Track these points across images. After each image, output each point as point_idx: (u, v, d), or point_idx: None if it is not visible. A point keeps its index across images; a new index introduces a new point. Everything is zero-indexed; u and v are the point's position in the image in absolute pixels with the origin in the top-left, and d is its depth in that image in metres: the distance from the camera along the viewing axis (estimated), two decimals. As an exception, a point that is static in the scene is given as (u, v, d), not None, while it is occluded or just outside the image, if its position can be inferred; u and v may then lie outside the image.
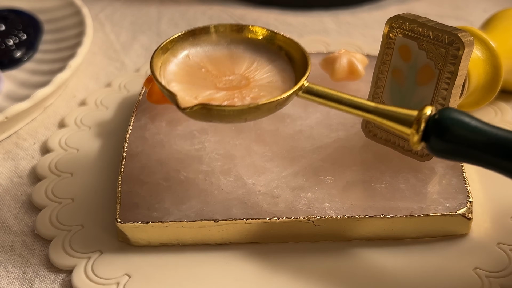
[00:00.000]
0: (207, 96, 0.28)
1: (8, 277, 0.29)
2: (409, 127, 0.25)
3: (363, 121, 0.32)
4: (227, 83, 0.29)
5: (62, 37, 0.44)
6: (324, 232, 0.29)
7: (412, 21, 0.29)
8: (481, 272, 0.27)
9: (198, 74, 0.30)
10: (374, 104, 0.27)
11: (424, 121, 0.25)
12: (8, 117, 0.35)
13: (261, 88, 0.29)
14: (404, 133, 0.26)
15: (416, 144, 0.25)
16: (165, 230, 0.28)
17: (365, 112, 0.27)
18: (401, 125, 0.26)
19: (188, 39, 0.31)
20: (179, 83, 0.29)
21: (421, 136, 0.25)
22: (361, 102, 0.27)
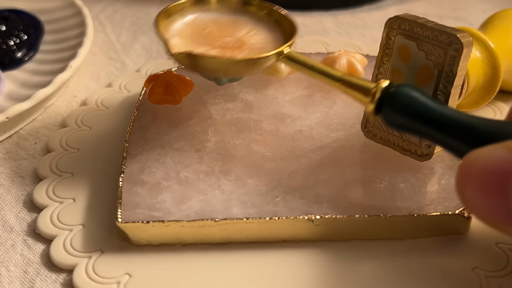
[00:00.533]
0: (200, 51, 0.30)
1: (9, 276, 0.29)
2: (367, 96, 0.27)
3: (363, 122, 0.32)
4: (223, 43, 0.32)
5: (62, 38, 0.44)
6: (323, 231, 0.29)
7: (411, 22, 0.29)
8: (480, 272, 0.27)
9: (200, 33, 0.32)
10: (340, 74, 0.29)
11: (379, 92, 0.27)
12: (9, 117, 0.35)
13: (252, 51, 0.31)
14: (362, 101, 0.28)
15: (371, 113, 0.27)
16: (165, 229, 0.28)
17: (332, 80, 0.29)
18: (361, 94, 0.28)
19: (198, 5, 0.33)
20: (180, 38, 0.31)
21: (375, 105, 0.27)
22: (329, 71, 0.29)
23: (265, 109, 0.34)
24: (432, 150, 0.30)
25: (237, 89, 0.36)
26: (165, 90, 0.34)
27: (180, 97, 0.34)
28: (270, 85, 0.36)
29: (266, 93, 0.36)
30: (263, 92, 0.36)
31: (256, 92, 0.36)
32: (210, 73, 0.31)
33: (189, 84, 0.35)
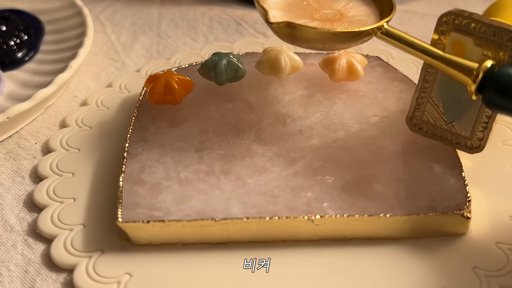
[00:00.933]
0: (302, 23, 0.31)
1: (9, 276, 0.29)
2: (469, 76, 0.27)
3: (408, 115, 0.32)
4: (323, 15, 0.32)
5: (63, 38, 0.44)
6: (323, 231, 0.29)
7: (467, 17, 0.29)
8: (480, 271, 0.28)
9: (299, 5, 0.33)
10: (441, 53, 0.29)
11: (482, 72, 0.27)
12: (10, 117, 0.35)
13: (351, 24, 0.32)
14: (463, 81, 0.28)
15: (473, 93, 0.27)
16: (166, 229, 0.28)
17: (433, 58, 0.29)
18: (462, 73, 0.28)
19: None
20: (279, 11, 0.32)
21: (477, 86, 0.27)
22: (430, 49, 0.29)
23: (265, 109, 0.34)
24: (484, 143, 0.30)
25: (237, 89, 0.36)
26: (165, 90, 0.34)
27: (180, 97, 0.34)
28: (270, 85, 0.36)
29: (266, 93, 0.36)
30: (263, 92, 0.36)
31: (256, 92, 0.36)
32: (308, 44, 0.31)
33: (189, 84, 0.35)
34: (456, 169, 0.30)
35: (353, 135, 0.33)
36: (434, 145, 0.32)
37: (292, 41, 0.31)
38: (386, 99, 0.35)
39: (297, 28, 0.30)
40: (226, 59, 0.35)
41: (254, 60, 0.38)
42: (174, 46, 0.45)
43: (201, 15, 0.49)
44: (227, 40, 0.45)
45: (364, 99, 0.35)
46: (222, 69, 0.34)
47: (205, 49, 0.44)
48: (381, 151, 0.31)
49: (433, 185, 0.30)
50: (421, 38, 0.45)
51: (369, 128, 0.33)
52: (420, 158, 0.31)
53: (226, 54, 0.35)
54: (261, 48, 0.43)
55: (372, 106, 0.34)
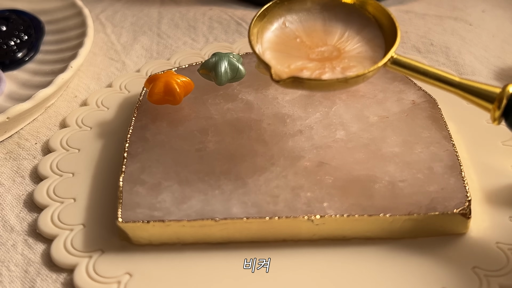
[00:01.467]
0: (299, 65, 0.30)
1: (10, 276, 0.29)
2: (491, 103, 0.27)
3: None
4: (319, 54, 0.31)
5: (63, 38, 0.44)
6: (323, 231, 0.29)
7: None
8: (480, 271, 0.28)
9: (292, 43, 0.31)
10: (458, 79, 0.28)
11: (506, 98, 0.27)
12: (10, 117, 0.35)
13: (351, 59, 0.30)
14: (485, 108, 0.27)
15: (496, 119, 0.27)
16: (166, 229, 0.28)
17: (450, 86, 0.28)
18: (483, 100, 0.27)
19: (284, 5, 0.32)
20: (274, 52, 0.31)
21: (502, 112, 0.27)
22: (446, 76, 0.28)
23: (265, 109, 0.34)
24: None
25: (237, 89, 0.36)
26: (165, 90, 0.34)
27: (180, 97, 0.34)
28: (270, 85, 0.36)
29: (266, 93, 0.36)
30: (263, 92, 0.36)
31: (256, 92, 0.36)
32: (317, 91, 0.31)
33: (189, 84, 0.35)
34: (456, 169, 0.30)
35: (353, 135, 0.33)
36: (434, 145, 0.32)
37: (300, 89, 0.30)
38: (386, 99, 0.35)
39: (305, 82, 0.29)
40: (226, 59, 0.35)
41: (254, 60, 0.38)
42: (174, 46, 0.45)
43: (201, 15, 0.49)
44: (227, 40, 0.45)
45: (364, 99, 0.35)
46: (222, 70, 0.34)
47: (205, 49, 0.44)
48: (381, 151, 0.31)
49: (433, 185, 0.30)
50: (421, 38, 0.45)
51: (369, 128, 0.33)
52: (420, 158, 0.31)
53: (226, 54, 0.35)
54: (261, 48, 0.43)
55: (372, 106, 0.34)
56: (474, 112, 0.36)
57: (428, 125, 0.33)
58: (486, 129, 0.35)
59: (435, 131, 0.33)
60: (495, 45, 0.44)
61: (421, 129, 0.33)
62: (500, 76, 0.40)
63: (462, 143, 0.34)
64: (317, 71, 0.29)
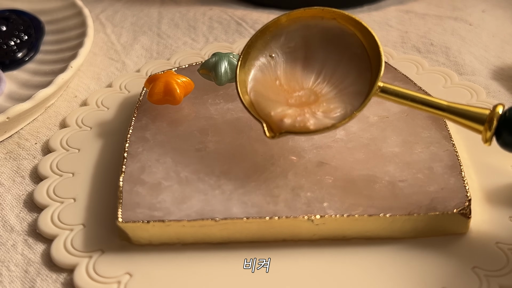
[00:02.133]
0: (280, 112, 0.30)
1: (10, 276, 0.29)
2: (482, 125, 0.28)
3: None
4: (298, 99, 0.31)
5: (63, 38, 0.44)
6: (323, 231, 0.29)
7: None
8: (480, 271, 0.28)
9: (273, 87, 0.32)
10: (446, 103, 0.29)
11: (496, 120, 0.27)
12: (10, 117, 0.35)
13: (330, 101, 0.30)
14: (476, 130, 0.28)
15: (488, 140, 0.28)
16: (166, 229, 0.28)
17: (439, 110, 0.29)
18: (474, 122, 0.28)
19: (266, 36, 0.32)
20: (256, 94, 0.31)
21: (493, 133, 0.27)
22: (434, 101, 0.29)
23: (265, 109, 0.34)
24: None
25: (237, 89, 0.36)
26: (165, 90, 0.34)
27: (180, 97, 0.34)
28: (270, 85, 0.36)
29: (266, 93, 0.36)
30: (263, 92, 0.36)
31: (256, 92, 0.36)
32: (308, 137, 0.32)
33: (189, 84, 0.35)
34: (456, 169, 0.30)
35: (353, 135, 0.33)
36: (434, 145, 0.32)
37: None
38: (386, 99, 0.35)
39: (298, 134, 0.29)
40: (226, 59, 0.35)
41: (254, 60, 0.38)
42: (174, 46, 0.45)
43: (201, 15, 0.49)
44: (227, 40, 0.45)
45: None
46: (222, 70, 0.34)
47: (205, 49, 0.44)
48: (381, 151, 0.31)
49: (433, 185, 0.30)
50: (421, 38, 0.45)
51: (369, 128, 0.33)
52: (420, 158, 0.31)
53: (226, 54, 0.35)
54: (261, 48, 0.43)
55: (372, 106, 0.34)
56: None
57: (428, 125, 0.33)
58: (486, 129, 0.35)
59: (435, 131, 0.33)
60: (495, 45, 0.44)
61: (421, 129, 0.33)
62: (500, 76, 0.40)
63: (462, 143, 0.34)
64: (298, 118, 0.30)
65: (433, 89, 0.38)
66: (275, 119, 0.30)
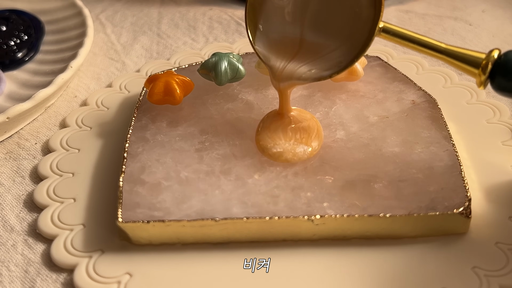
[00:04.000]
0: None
1: (10, 276, 0.29)
2: (477, 68, 0.28)
3: None
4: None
5: (63, 38, 0.44)
6: (323, 231, 0.29)
7: None
8: (480, 271, 0.28)
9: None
10: (445, 45, 0.29)
11: (491, 63, 0.27)
12: (10, 117, 0.35)
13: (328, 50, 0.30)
14: (472, 73, 0.28)
15: (482, 83, 0.28)
16: (166, 229, 0.28)
17: (437, 52, 0.29)
18: (469, 66, 0.28)
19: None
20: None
21: (487, 76, 0.28)
22: (433, 43, 0.29)
23: (265, 109, 0.34)
24: None
25: (237, 89, 0.36)
26: (165, 90, 0.34)
27: (180, 97, 0.34)
28: (270, 85, 0.36)
29: (266, 93, 0.36)
30: (263, 92, 0.36)
31: (256, 92, 0.36)
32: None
33: (189, 84, 0.35)
34: (456, 169, 0.30)
35: (353, 135, 0.33)
36: (434, 145, 0.32)
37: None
38: (386, 99, 0.35)
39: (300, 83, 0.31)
40: (226, 59, 0.35)
41: (254, 60, 0.38)
42: (174, 46, 0.45)
43: (201, 15, 0.49)
44: (227, 40, 0.45)
45: (364, 99, 0.35)
46: (222, 70, 0.34)
47: (205, 49, 0.44)
48: (381, 151, 0.31)
49: (433, 185, 0.30)
50: (421, 38, 0.45)
51: (369, 128, 0.33)
52: (420, 158, 0.31)
53: (226, 54, 0.35)
54: (261, 48, 0.43)
55: (372, 106, 0.34)
56: (474, 112, 0.36)
57: (428, 125, 0.33)
58: (486, 129, 0.35)
59: (435, 131, 0.33)
60: (495, 45, 0.44)
61: (421, 129, 0.33)
62: (500, 76, 0.40)
63: (462, 143, 0.34)
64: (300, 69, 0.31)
65: (433, 89, 0.38)
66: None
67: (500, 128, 0.35)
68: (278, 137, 0.31)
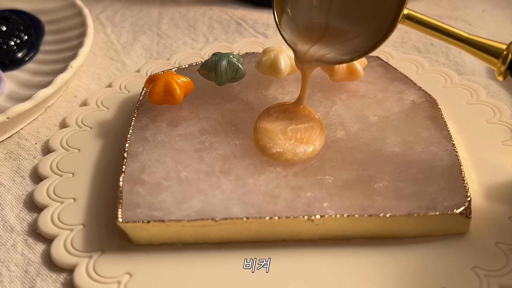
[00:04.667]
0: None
1: (10, 276, 0.29)
2: (497, 58, 0.28)
3: None
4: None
5: (63, 38, 0.44)
6: (323, 231, 0.29)
7: None
8: (480, 271, 0.28)
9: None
10: (467, 35, 0.29)
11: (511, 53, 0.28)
12: (10, 117, 0.35)
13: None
14: (492, 62, 0.28)
15: (502, 73, 0.28)
16: (166, 229, 0.28)
17: (459, 41, 0.29)
18: (490, 55, 0.29)
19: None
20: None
21: (507, 67, 0.28)
22: (455, 32, 0.29)
23: (265, 109, 0.34)
24: None
25: (237, 89, 0.36)
26: (165, 90, 0.34)
27: (180, 97, 0.34)
28: (270, 85, 0.36)
29: (266, 93, 0.36)
30: (263, 92, 0.36)
31: (256, 92, 0.36)
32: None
33: (189, 84, 0.35)
34: (456, 169, 0.30)
35: (353, 135, 0.33)
36: (434, 145, 0.32)
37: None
38: (386, 99, 0.35)
39: (325, 63, 0.31)
40: (226, 59, 0.35)
41: (254, 60, 0.38)
42: (174, 46, 0.45)
43: (201, 15, 0.49)
44: (227, 40, 0.45)
45: (364, 99, 0.35)
46: (222, 69, 0.34)
47: (205, 49, 0.44)
48: (381, 151, 0.31)
49: (433, 185, 0.30)
50: (421, 38, 0.45)
51: (369, 128, 0.33)
52: (420, 158, 0.31)
53: (226, 54, 0.35)
54: (261, 48, 0.43)
55: (372, 106, 0.34)
56: (474, 112, 0.36)
57: (428, 125, 0.33)
58: (486, 129, 0.35)
59: (435, 131, 0.33)
60: (495, 45, 0.44)
61: (421, 129, 0.33)
62: (500, 76, 0.40)
63: (462, 143, 0.34)
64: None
65: (433, 89, 0.38)
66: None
67: (500, 128, 0.35)
68: (278, 137, 0.31)
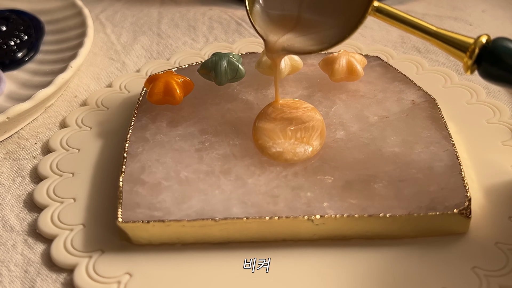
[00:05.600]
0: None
1: (10, 276, 0.29)
2: (464, 52, 0.28)
3: None
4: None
5: (63, 38, 0.44)
6: (323, 231, 0.29)
7: None
8: (480, 271, 0.28)
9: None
10: (435, 28, 0.29)
11: (479, 48, 0.27)
12: (10, 117, 0.35)
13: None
14: (459, 56, 0.28)
15: (469, 67, 0.28)
16: (166, 229, 0.28)
17: (427, 34, 0.29)
18: (457, 49, 0.28)
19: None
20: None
21: (474, 61, 0.27)
22: (424, 25, 0.29)
23: (265, 109, 0.34)
24: None
25: (237, 89, 0.36)
26: (165, 90, 0.34)
27: (180, 97, 0.34)
28: (270, 85, 0.36)
29: (266, 93, 0.36)
30: (263, 92, 0.36)
31: (256, 92, 0.36)
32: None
33: (189, 84, 0.35)
34: (456, 169, 0.30)
35: (353, 135, 0.33)
36: (434, 145, 0.32)
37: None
38: (386, 99, 0.35)
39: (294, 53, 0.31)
40: (226, 59, 0.35)
41: (254, 60, 0.38)
42: (174, 46, 0.45)
43: (201, 15, 0.49)
44: (227, 40, 0.45)
45: (364, 99, 0.35)
46: (222, 69, 0.34)
47: (205, 49, 0.44)
48: (381, 151, 0.31)
49: (433, 185, 0.30)
50: (421, 38, 0.45)
51: (369, 128, 0.33)
52: (420, 158, 0.31)
53: (226, 54, 0.35)
54: (261, 48, 0.43)
55: (372, 106, 0.34)
56: (474, 112, 0.36)
57: (428, 125, 0.33)
58: (486, 129, 0.35)
59: (435, 131, 0.33)
60: (495, 45, 0.44)
61: (421, 129, 0.33)
62: (500, 76, 0.40)
63: (462, 143, 0.34)
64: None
65: (433, 89, 0.38)
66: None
67: (500, 128, 0.35)
68: (278, 136, 0.31)
